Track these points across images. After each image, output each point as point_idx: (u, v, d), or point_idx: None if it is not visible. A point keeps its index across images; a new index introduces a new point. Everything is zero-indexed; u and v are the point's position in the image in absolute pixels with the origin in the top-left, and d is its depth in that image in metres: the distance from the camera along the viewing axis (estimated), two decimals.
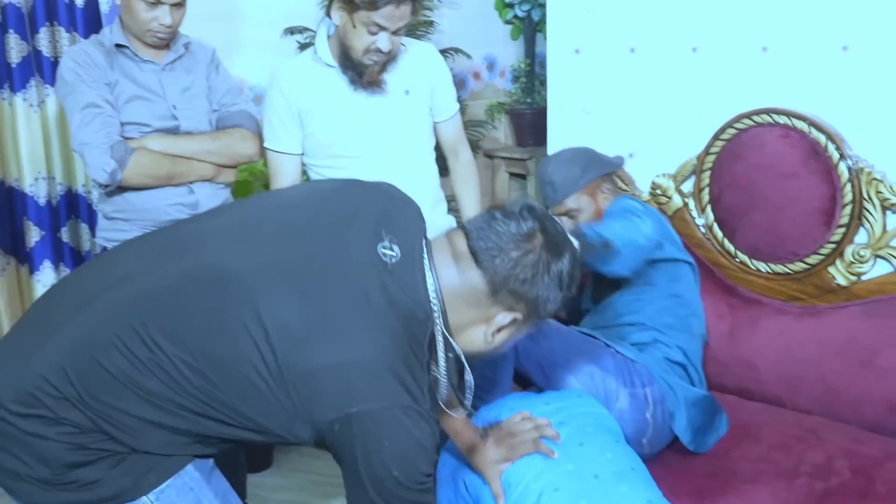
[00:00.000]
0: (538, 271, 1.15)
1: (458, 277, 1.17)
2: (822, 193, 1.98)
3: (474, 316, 1.19)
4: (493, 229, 1.16)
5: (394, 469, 1.08)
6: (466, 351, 1.22)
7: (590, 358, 1.77)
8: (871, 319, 1.92)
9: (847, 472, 1.70)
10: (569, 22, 2.52)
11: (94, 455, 1.15)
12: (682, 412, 1.80)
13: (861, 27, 1.93)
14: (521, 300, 1.17)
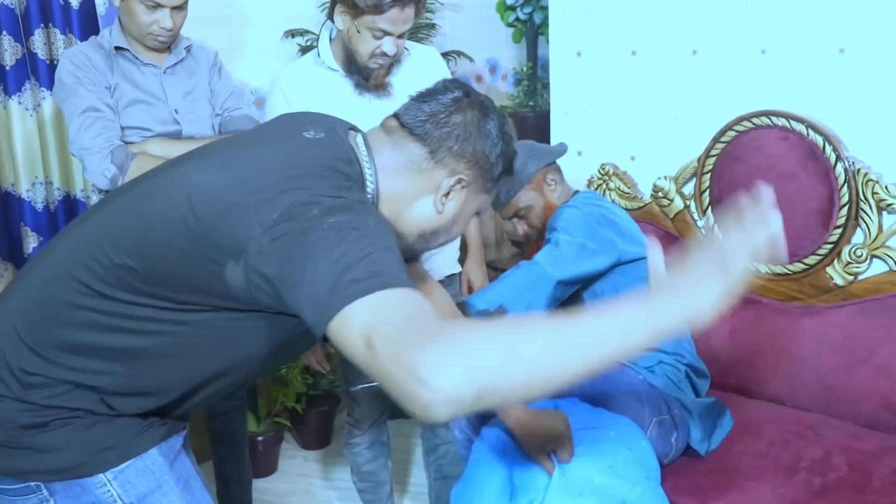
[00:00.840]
0: (471, 128, 1.23)
1: (394, 149, 1.23)
2: (820, 195, 2.10)
3: (419, 186, 1.24)
4: (420, 106, 1.24)
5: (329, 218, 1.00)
6: (420, 227, 1.26)
7: (629, 389, 1.83)
8: (868, 318, 2.04)
9: (844, 467, 1.81)
10: (570, 25, 2.64)
11: (48, 416, 1.15)
12: (696, 426, 1.88)
13: (857, 30, 2.05)
14: (462, 158, 1.23)
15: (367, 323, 0.88)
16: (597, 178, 2.66)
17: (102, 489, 1.19)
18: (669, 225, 2.49)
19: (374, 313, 0.89)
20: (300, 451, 3.06)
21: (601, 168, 2.64)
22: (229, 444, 2.40)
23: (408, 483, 2.80)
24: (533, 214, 2.12)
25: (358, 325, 0.89)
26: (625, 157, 2.60)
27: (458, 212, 1.29)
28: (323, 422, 3.05)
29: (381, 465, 2.37)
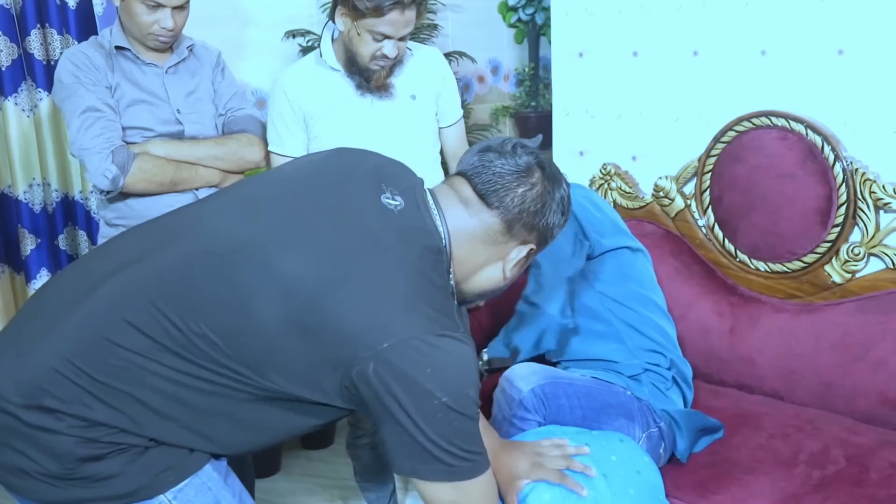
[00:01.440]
0: (546, 201, 1.31)
1: (470, 219, 1.29)
2: (818, 194, 2.20)
3: (490, 255, 1.32)
4: (493, 170, 1.29)
5: (442, 395, 1.11)
6: (483, 289, 1.36)
7: (618, 410, 1.88)
8: (865, 315, 2.13)
9: (842, 460, 1.90)
10: (572, 26, 2.72)
11: (107, 448, 1.18)
12: (683, 437, 1.94)
13: (856, 32, 2.14)
14: (534, 231, 1.32)
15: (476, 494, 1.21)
16: (598, 178, 2.74)
17: None
18: (670, 224, 2.57)
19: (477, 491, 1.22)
20: (303, 450, 3.09)
21: (603, 168, 2.72)
22: None
23: (410, 482, 2.84)
24: None
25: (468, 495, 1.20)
26: (626, 157, 2.68)
27: (519, 273, 1.39)
28: None
29: (384, 465, 2.40)
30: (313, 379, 1.16)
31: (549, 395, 1.82)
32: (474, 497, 1.21)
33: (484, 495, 1.23)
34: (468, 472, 1.19)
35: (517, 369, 1.87)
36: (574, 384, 1.89)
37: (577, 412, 1.84)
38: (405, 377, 1.11)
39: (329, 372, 1.14)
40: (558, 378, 1.87)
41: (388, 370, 1.11)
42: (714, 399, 2.25)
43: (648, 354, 2.08)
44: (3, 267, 2.71)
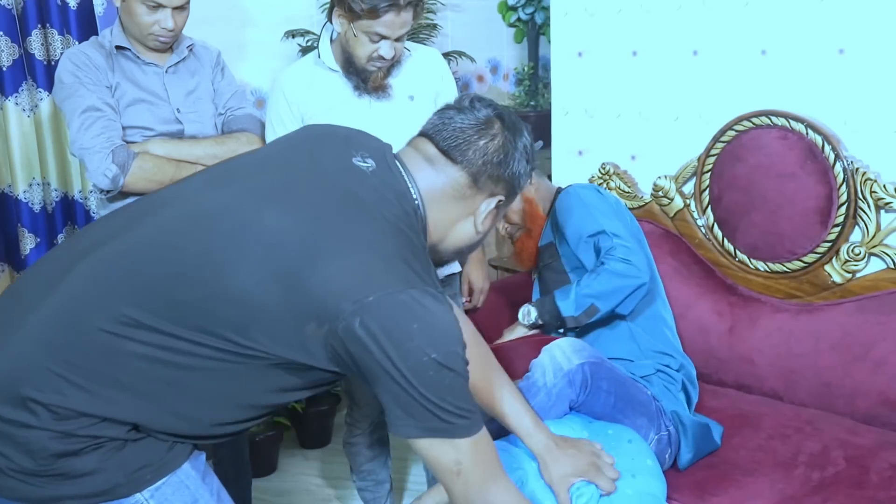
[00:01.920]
0: (508, 151, 1.31)
1: (437, 177, 1.30)
2: (818, 193, 2.16)
3: (461, 210, 1.32)
4: (453, 126, 1.30)
5: (431, 351, 1.10)
6: (458, 246, 1.37)
7: (642, 409, 1.85)
8: (865, 315, 2.10)
9: (842, 461, 1.87)
10: (571, 26, 2.69)
11: (82, 443, 1.14)
12: (689, 447, 1.91)
13: (856, 31, 2.11)
14: (500, 182, 1.32)
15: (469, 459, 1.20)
16: (597, 178, 2.71)
17: None
18: (669, 224, 2.54)
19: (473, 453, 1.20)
20: (300, 449, 3.08)
21: (602, 167, 2.70)
22: (228, 444, 2.38)
23: (407, 481, 2.83)
24: (511, 211, 2.16)
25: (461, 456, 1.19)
26: (625, 156, 2.65)
27: (491, 226, 1.39)
28: (323, 421, 3.07)
29: (381, 464, 2.39)
30: (298, 337, 1.13)
31: (593, 375, 1.77)
32: (475, 455, 1.20)
33: (484, 453, 1.22)
34: (465, 429, 1.18)
35: (569, 341, 1.83)
36: (614, 371, 1.85)
37: (610, 399, 1.81)
38: (393, 331, 1.10)
39: (314, 328, 1.12)
40: (603, 360, 1.84)
41: (375, 323, 1.10)
42: (713, 399, 2.22)
43: (659, 356, 2.05)
44: (2, 266, 2.67)
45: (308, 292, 1.11)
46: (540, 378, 1.77)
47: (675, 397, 1.99)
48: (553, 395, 1.75)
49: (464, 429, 1.17)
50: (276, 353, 1.15)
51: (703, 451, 1.96)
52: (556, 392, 1.75)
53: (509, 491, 1.26)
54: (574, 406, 1.79)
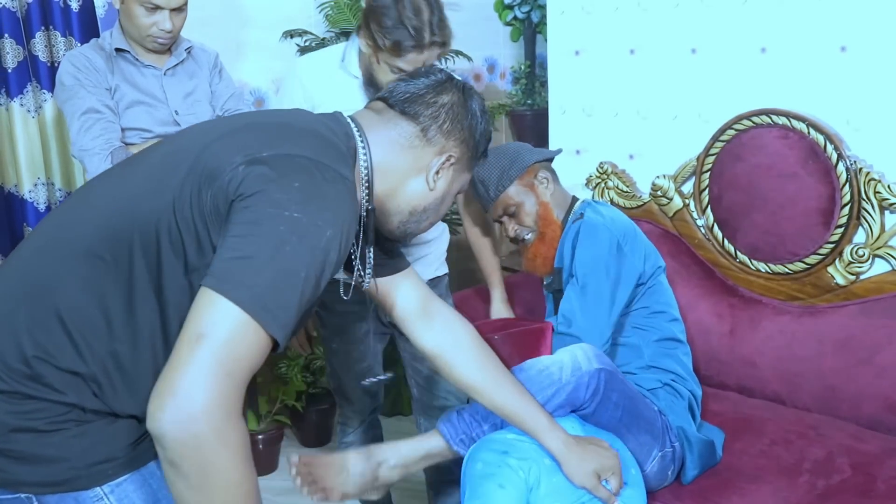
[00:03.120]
0: (458, 108, 1.27)
1: (385, 126, 1.25)
2: (820, 194, 2.03)
3: (411, 164, 1.26)
4: (406, 87, 1.27)
5: (296, 209, 1.00)
6: (413, 205, 1.28)
7: (647, 425, 1.73)
8: (870, 318, 1.97)
9: (848, 469, 1.75)
10: (568, 24, 2.58)
11: (39, 416, 1.06)
12: (695, 464, 1.79)
13: (859, 28, 1.98)
14: (451, 137, 1.27)
15: (221, 329, 0.93)
16: (595, 177, 2.59)
17: (98, 503, 1.11)
18: (668, 224, 2.42)
19: (237, 329, 0.94)
20: (300, 448, 3.01)
21: (599, 167, 2.57)
22: None
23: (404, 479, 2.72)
24: (524, 212, 1.99)
25: (219, 320, 0.94)
26: (623, 155, 2.53)
27: (447, 189, 1.31)
28: (323, 420, 2.99)
29: None
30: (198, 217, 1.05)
31: (607, 384, 1.65)
32: (234, 338, 0.94)
33: (241, 345, 0.95)
34: (263, 311, 0.95)
35: (591, 347, 1.71)
36: (627, 385, 1.72)
37: (617, 412, 1.68)
38: (267, 177, 1.01)
39: (208, 198, 1.03)
40: (617, 372, 1.71)
41: (255, 168, 1.02)
42: (714, 402, 2.10)
43: (665, 374, 1.90)
44: None
45: (206, 162, 1.06)
46: (556, 373, 1.64)
47: (681, 413, 1.85)
48: (563, 394, 1.62)
49: (262, 310, 0.95)
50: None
51: (707, 466, 1.84)
52: (568, 391, 1.62)
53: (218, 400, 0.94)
54: (579, 411, 1.66)
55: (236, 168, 1.03)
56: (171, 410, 0.90)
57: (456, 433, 1.64)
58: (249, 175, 1.02)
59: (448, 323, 1.48)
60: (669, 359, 1.91)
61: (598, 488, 1.48)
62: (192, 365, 0.91)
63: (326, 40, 2.89)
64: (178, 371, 0.92)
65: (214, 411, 0.91)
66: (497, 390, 1.47)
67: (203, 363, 0.92)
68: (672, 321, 1.95)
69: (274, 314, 0.96)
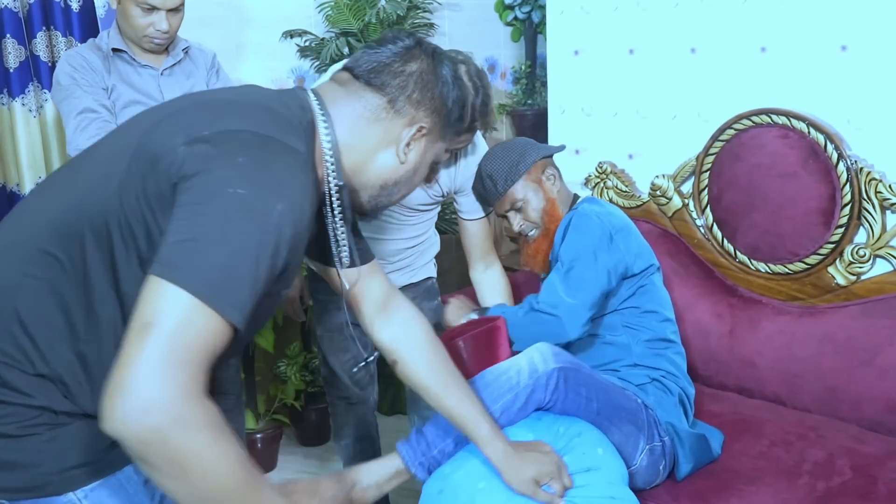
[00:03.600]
0: (427, 76, 1.18)
1: (350, 99, 1.17)
2: (821, 193, 1.99)
3: (380, 136, 1.18)
4: (372, 56, 1.18)
5: (240, 186, 0.93)
6: (385, 178, 1.21)
7: (629, 416, 1.69)
8: (871, 319, 1.93)
9: (848, 471, 1.70)
10: (568, 24, 2.54)
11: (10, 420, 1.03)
12: (687, 459, 1.75)
13: (860, 27, 1.94)
14: (421, 106, 1.18)
15: (170, 317, 0.87)
16: (594, 177, 2.54)
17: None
18: (667, 223, 2.37)
19: (186, 316, 0.87)
20: (299, 447, 2.97)
21: (599, 166, 2.53)
22: None
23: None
24: (530, 208, 1.94)
25: (166, 307, 0.87)
26: (622, 155, 2.49)
27: (419, 160, 1.24)
28: (322, 418, 2.95)
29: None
30: (144, 204, 1.00)
31: (568, 380, 1.61)
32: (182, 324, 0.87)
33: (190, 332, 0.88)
34: (213, 294, 0.89)
35: (550, 346, 1.67)
36: (595, 377, 1.68)
37: (592, 405, 1.64)
38: (209, 156, 0.95)
39: (152, 184, 0.98)
40: (581, 365, 1.67)
41: (197, 148, 0.96)
42: (713, 403, 2.05)
43: (653, 371, 1.86)
44: None
45: (148, 147, 1.01)
46: (514, 377, 1.60)
47: (671, 408, 1.80)
48: (522, 397, 1.58)
49: (214, 294, 0.89)
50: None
51: (701, 462, 1.79)
52: (527, 394, 1.59)
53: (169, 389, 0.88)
54: (546, 408, 1.63)
55: (177, 149, 0.97)
56: (121, 409, 0.83)
57: (414, 455, 1.59)
58: (191, 155, 0.96)
59: (406, 321, 1.43)
60: (659, 358, 1.87)
61: (538, 493, 1.44)
62: (139, 358, 0.84)
63: (326, 40, 2.85)
64: (126, 366, 0.85)
65: (171, 401, 0.84)
66: (444, 393, 1.42)
67: (151, 355, 0.85)
68: (664, 321, 1.91)
69: (226, 296, 0.90)
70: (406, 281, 2.10)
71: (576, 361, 1.66)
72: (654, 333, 1.88)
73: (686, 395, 1.87)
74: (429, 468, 1.58)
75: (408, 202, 1.97)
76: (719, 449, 1.82)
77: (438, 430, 1.59)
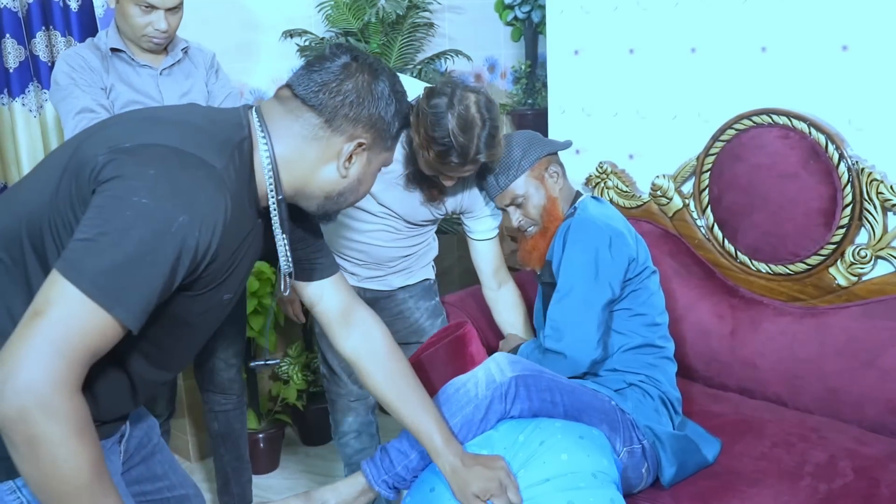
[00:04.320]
0: (363, 93, 1.19)
1: (289, 118, 1.18)
2: (822, 194, 1.96)
3: (319, 153, 1.19)
4: (311, 76, 1.19)
5: (145, 195, 0.97)
6: (326, 190, 1.23)
7: (601, 416, 1.65)
8: (873, 320, 1.90)
9: (850, 472, 1.67)
10: (568, 23, 2.51)
11: None
12: (670, 461, 1.70)
13: (861, 27, 1.90)
14: (358, 123, 1.19)
15: (57, 308, 0.92)
16: (595, 177, 2.51)
17: (11, 496, 1.09)
18: (668, 223, 2.34)
19: (72, 310, 0.93)
20: (301, 446, 2.95)
21: (599, 166, 2.50)
22: (229, 442, 2.31)
23: None
24: (531, 205, 1.87)
25: (55, 299, 0.93)
26: (623, 155, 2.45)
27: (363, 172, 1.25)
28: (324, 418, 2.88)
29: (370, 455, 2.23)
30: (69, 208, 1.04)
31: (528, 387, 1.59)
32: (69, 315, 0.93)
33: (76, 323, 0.93)
34: (101, 293, 0.94)
35: (506, 356, 1.65)
36: (558, 380, 1.65)
37: (559, 408, 1.61)
38: (124, 164, 1.00)
39: (75, 191, 1.03)
40: (542, 371, 1.65)
41: (116, 157, 1.00)
42: (714, 403, 2.02)
43: (632, 375, 1.81)
44: None
45: (78, 157, 1.05)
46: (472, 389, 1.59)
47: (649, 412, 1.76)
48: (482, 409, 1.57)
49: (88, 286, 0.94)
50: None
51: (689, 465, 1.74)
52: (486, 405, 1.57)
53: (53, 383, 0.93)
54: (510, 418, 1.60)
55: (98, 157, 1.01)
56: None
57: (378, 474, 1.58)
58: (109, 164, 1.00)
59: (367, 332, 1.45)
60: (639, 363, 1.82)
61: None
62: (23, 343, 0.91)
63: (326, 40, 2.82)
64: (10, 348, 0.91)
65: (42, 387, 0.90)
66: (401, 405, 1.44)
67: (33, 340, 0.91)
68: (652, 325, 1.85)
69: (115, 297, 0.94)
70: (402, 283, 2.08)
71: (536, 368, 1.64)
72: (641, 339, 1.83)
73: (668, 398, 1.82)
74: (393, 485, 1.59)
75: (411, 218, 1.96)
76: (712, 456, 1.77)
77: (402, 447, 1.59)
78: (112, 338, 0.97)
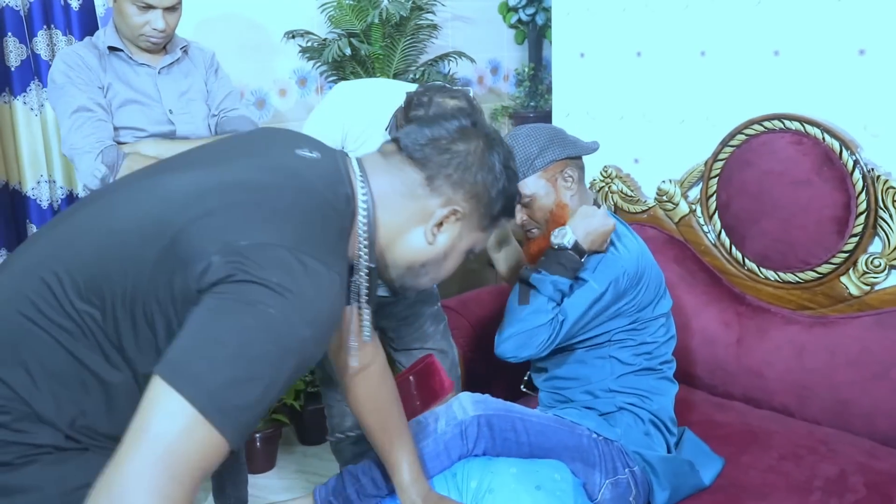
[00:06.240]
0: (473, 158, 1.08)
1: (390, 173, 1.07)
2: (835, 201, 1.86)
3: (412, 212, 1.08)
4: (422, 130, 1.09)
5: (270, 305, 0.84)
6: (409, 259, 1.11)
7: (575, 453, 1.55)
8: (886, 331, 1.80)
9: (862, 488, 1.58)
10: (573, 26, 2.41)
11: (13, 452, 0.95)
12: (662, 486, 1.60)
13: (879, 30, 1.81)
14: (460, 189, 1.08)
15: (170, 426, 0.78)
16: (599, 181, 2.41)
17: None
18: (673, 229, 2.23)
19: (183, 430, 0.78)
20: (298, 446, 2.87)
21: (603, 170, 2.39)
22: None
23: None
24: (537, 207, 1.68)
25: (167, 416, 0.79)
26: (628, 159, 2.36)
27: (451, 246, 1.12)
28: (321, 418, 2.81)
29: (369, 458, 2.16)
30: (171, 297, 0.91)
31: (492, 427, 1.51)
32: (182, 434, 0.79)
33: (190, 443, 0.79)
34: (217, 411, 0.80)
35: (472, 396, 1.57)
36: (527, 419, 1.55)
37: (524, 448, 1.52)
38: (241, 267, 0.85)
39: (180, 284, 0.89)
40: (510, 410, 1.55)
41: (230, 259, 0.85)
42: (719, 412, 1.93)
43: (626, 396, 1.69)
44: None
45: (185, 237, 0.90)
46: (431, 424, 1.52)
47: (639, 438, 1.65)
48: (441, 444, 1.49)
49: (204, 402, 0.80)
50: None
51: (682, 489, 1.63)
52: (445, 441, 1.49)
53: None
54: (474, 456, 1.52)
55: (210, 258, 0.87)
56: None
57: (327, 493, 1.51)
58: (224, 265, 0.86)
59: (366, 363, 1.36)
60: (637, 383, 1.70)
61: None
62: (132, 465, 0.76)
63: (328, 41, 2.73)
64: (118, 470, 0.76)
65: None
66: (378, 433, 1.38)
67: (145, 463, 0.76)
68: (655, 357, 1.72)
69: (229, 416, 0.81)
70: None
71: (502, 407, 1.55)
72: (641, 365, 1.71)
73: (659, 419, 1.69)
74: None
75: None
76: (709, 479, 1.66)
77: (358, 470, 1.53)
78: (220, 457, 0.83)
